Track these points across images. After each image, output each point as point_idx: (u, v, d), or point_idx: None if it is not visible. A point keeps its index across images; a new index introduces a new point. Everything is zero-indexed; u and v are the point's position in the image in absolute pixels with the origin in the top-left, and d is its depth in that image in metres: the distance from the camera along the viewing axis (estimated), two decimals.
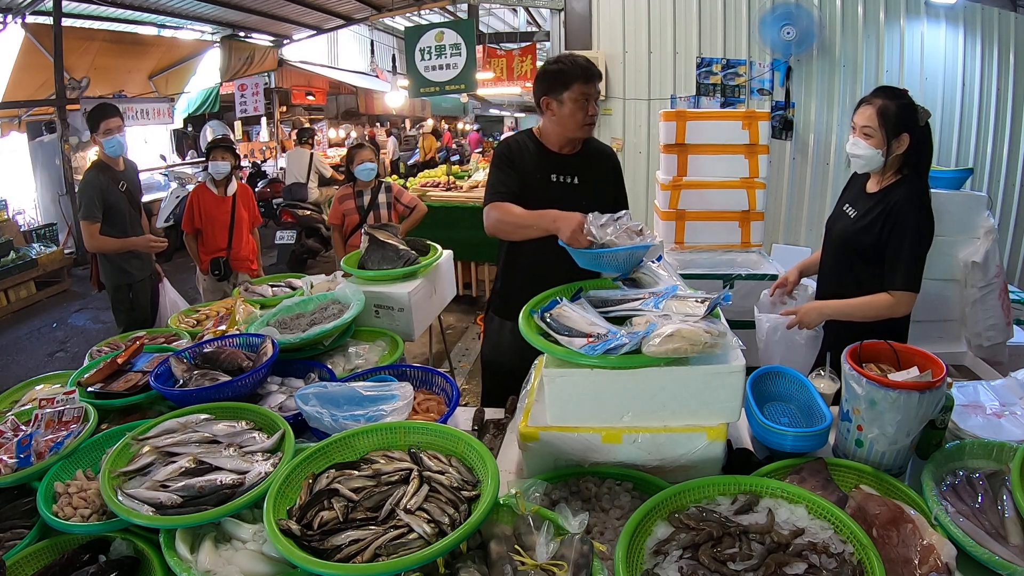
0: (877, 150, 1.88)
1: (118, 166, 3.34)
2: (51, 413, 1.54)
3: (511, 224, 1.97)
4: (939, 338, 3.08)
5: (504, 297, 2.26)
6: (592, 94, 2.03)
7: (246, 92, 9.73)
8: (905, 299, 1.85)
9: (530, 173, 2.10)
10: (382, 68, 12.95)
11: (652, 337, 1.26)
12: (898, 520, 1.15)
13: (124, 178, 3.35)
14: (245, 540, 1.21)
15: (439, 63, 5.84)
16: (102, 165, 3.28)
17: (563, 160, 2.15)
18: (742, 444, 1.56)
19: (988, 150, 5.00)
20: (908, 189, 1.88)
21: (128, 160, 3.46)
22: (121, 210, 3.29)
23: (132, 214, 3.38)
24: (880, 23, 4.85)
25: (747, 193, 3.61)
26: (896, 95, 1.88)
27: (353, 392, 1.55)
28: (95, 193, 3.18)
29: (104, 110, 3.25)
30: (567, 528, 1.08)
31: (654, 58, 5.36)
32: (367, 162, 3.82)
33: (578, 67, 2.01)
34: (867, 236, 1.92)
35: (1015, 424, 1.47)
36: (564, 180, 2.13)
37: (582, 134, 2.09)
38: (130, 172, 3.45)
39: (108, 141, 3.22)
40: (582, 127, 2.06)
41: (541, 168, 2.12)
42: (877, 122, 1.86)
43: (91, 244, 3.26)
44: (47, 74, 7.03)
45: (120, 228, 3.28)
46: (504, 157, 2.15)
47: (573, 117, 2.04)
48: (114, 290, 3.38)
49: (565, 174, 2.14)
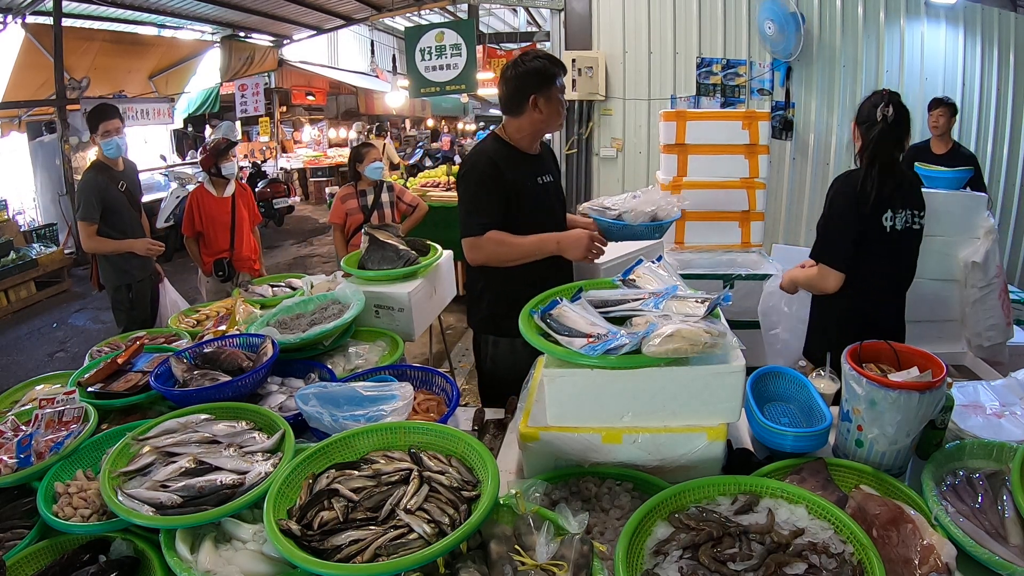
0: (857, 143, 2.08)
1: (117, 166, 3.33)
2: (51, 413, 1.54)
3: (514, 257, 1.96)
4: (939, 338, 3.08)
5: (496, 318, 2.15)
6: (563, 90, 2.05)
7: (246, 92, 9.74)
8: (825, 272, 2.00)
9: (522, 180, 2.04)
10: (382, 68, 12.96)
11: (652, 337, 1.26)
12: (898, 520, 1.15)
13: (124, 178, 3.34)
14: (245, 540, 1.20)
15: (439, 63, 5.84)
16: (101, 165, 3.27)
17: (537, 160, 2.13)
18: (742, 444, 1.56)
19: (988, 150, 5.00)
20: (839, 176, 2.06)
21: (128, 160, 3.46)
22: (120, 210, 3.27)
23: (132, 214, 3.37)
24: (880, 23, 4.85)
25: (747, 193, 3.60)
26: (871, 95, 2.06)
27: (353, 392, 1.55)
28: (93, 194, 3.17)
29: (103, 111, 3.24)
30: (567, 528, 1.08)
31: (654, 58, 5.36)
32: (377, 161, 3.82)
33: (556, 62, 2.02)
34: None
35: (1015, 424, 1.47)
36: (544, 180, 2.13)
37: (559, 128, 2.13)
38: (130, 172, 3.44)
39: (106, 143, 3.21)
40: (561, 122, 2.08)
41: (528, 173, 2.08)
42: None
43: (88, 245, 3.25)
44: (47, 74, 7.03)
45: (119, 228, 3.27)
46: (489, 176, 2.01)
47: (558, 113, 2.03)
48: (114, 290, 3.36)
49: (543, 174, 2.13)
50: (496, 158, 2.04)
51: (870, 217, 1.96)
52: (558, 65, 2.01)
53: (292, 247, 8.96)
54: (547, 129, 2.08)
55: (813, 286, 2.08)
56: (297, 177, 12.78)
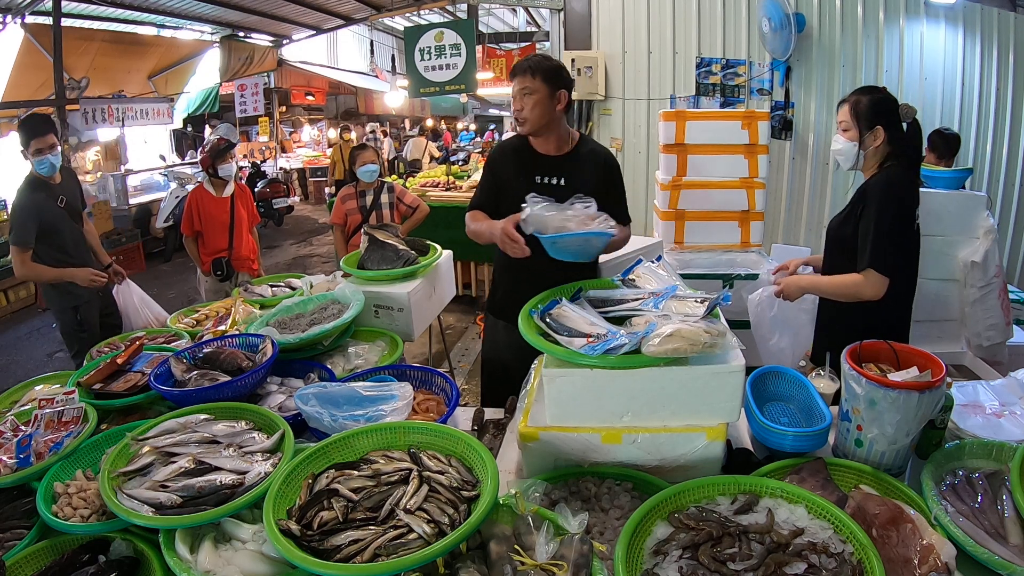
0: (853, 143, 1.94)
1: (55, 180, 2.92)
2: (51, 413, 1.54)
3: (472, 234, 2.12)
4: (939, 338, 3.09)
5: (494, 297, 2.32)
6: (521, 90, 2.02)
7: (246, 92, 9.74)
8: (873, 279, 1.82)
9: (512, 176, 2.11)
10: (382, 68, 12.94)
11: (652, 337, 1.26)
12: (898, 520, 1.15)
13: (63, 192, 2.95)
14: (245, 540, 1.20)
15: (439, 63, 5.84)
16: (37, 181, 2.86)
17: (550, 161, 2.11)
18: (742, 444, 1.56)
19: (988, 150, 5.00)
20: (884, 174, 1.92)
21: (65, 168, 3.04)
22: (60, 229, 2.89)
23: (73, 230, 2.98)
24: (880, 23, 4.85)
25: (747, 193, 3.61)
26: (870, 91, 1.95)
27: (353, 392, 1.55)
28: (29, 215, 2.79)
29: (36, 126, 2.83)
30: (567, 528, 1.08)
31: (654, 58, 5.35)
32: (369, 164, 3.82)
33: (517, 62, 2.08)
34: (846, 227, 1.95)
35: (1015, 424, 1.47)
36: (548, 182, 2.10)
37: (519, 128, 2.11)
38: (68, 184, 3.02)
39: (39, 162, 2.81)
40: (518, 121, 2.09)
41: (526, 170, 2.10)
42: (850, 116, 1.93)
43: (21, 272, 2.87)
44: (47, 74, 7.02)
45: (60, 248, 2.90)
46: (488, 162, 2.26)
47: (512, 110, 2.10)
48: (59, 313, 3.01)
49: (550, 175, 2.10)
50: (505, 149, 2.22)
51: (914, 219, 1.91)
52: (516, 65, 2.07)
53: (291, 247, 8.96)
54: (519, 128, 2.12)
55: (854, 294, 1.88)
56: (296, 177, 12.80)
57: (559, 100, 2.03)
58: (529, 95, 2.00)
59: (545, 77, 1.99)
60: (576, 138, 2.16)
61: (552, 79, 2.00)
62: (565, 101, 2.04)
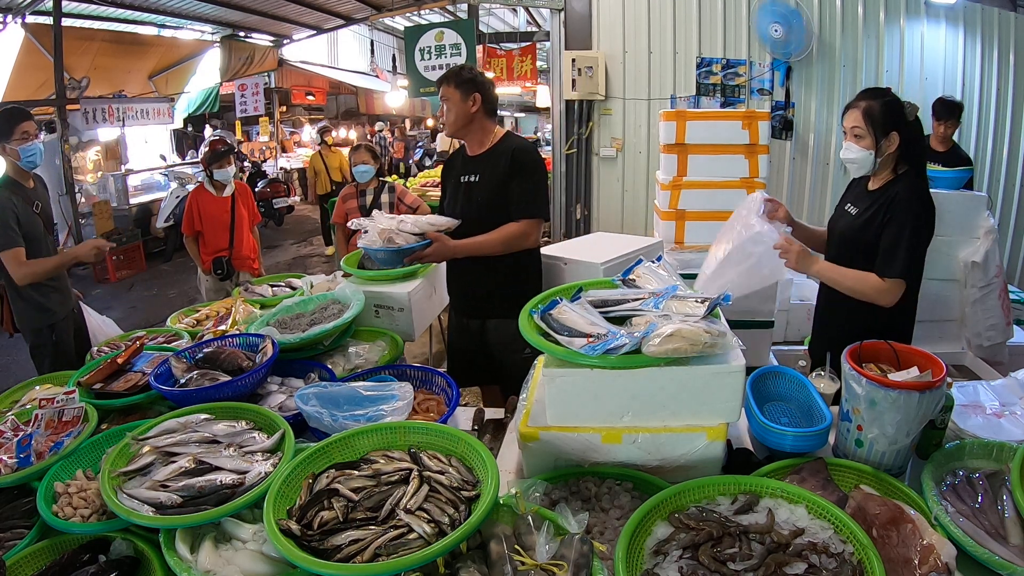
0: (869, 151, 1.88)
1: (28, 184, 2.71)
2: (51, 413, 1.54)
3: None
4: (939, 338, 3.09)
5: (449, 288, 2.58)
6: (441, 98, 2.26)
7: (246, 92, 9.75)
8: (894, 288, 1.82)
9: (451, 178, 2.41)
10: (382, 68, 12.95)
11: (652, 337, 1.26)
12: (898, 520, 1.15)
13: (37, 197, 2.74)
14: (245, 540, 1.20)
15: (439, 63, 5.84)
16: (13, 184, 2.65)
17: (471, 161, 2.33)
18: (742, 444, 1.56)
19: (988, 150, 5.01)
20: (908, 184, 1.88)
21: (36, 176, 2.83)
22: (38, 237, 2.68)
23: (47, 239, 2.78)
24: (880, 23, 4.85)
25: (747, 193, 3.60)
26: (879, 94, 1.89)
27: (353, 392, 1.55)
28: (10, 217, 2.56)
29: (14, 114, 2.66)
30: (567, 528, 1.08)
31: (654, 58, 5.35)
32: (363, 164, 3.84)
33: (439, 77, 2.31)
34: (868, 231, 1.91)
35: (1015, 424, 1.47)
36: (469, 179, 2.31)
37: (446, 130, 2.36)
38: (41, 190, 2.83)
39: (26, 148, 2.59)
40: (444, 126, 2.36)
41: (455, 172, 2.39)
42: (864, 123, 1.87)
43: (20, 273, 2.57)
44: (47, 74, 7.02)
45: (36, 256, 2.66)
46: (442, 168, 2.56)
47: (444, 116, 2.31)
48: (34, 334, 2.77)
49: (469, 174, 2.31)
50: (453, 155, 2.47)
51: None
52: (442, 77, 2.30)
53: (292, 247, 8.96)
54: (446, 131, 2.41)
55: (870, 296, 1.85)
56: (297, 177, 12.79)
57: (473, 102, 2.23)
58: (447, 101, 2.24)
59: (457, 84, 2.22)
60: (499, 136, 2.33)
61: (463, 85, 2.22)
62: (479, 103, 2.24)
